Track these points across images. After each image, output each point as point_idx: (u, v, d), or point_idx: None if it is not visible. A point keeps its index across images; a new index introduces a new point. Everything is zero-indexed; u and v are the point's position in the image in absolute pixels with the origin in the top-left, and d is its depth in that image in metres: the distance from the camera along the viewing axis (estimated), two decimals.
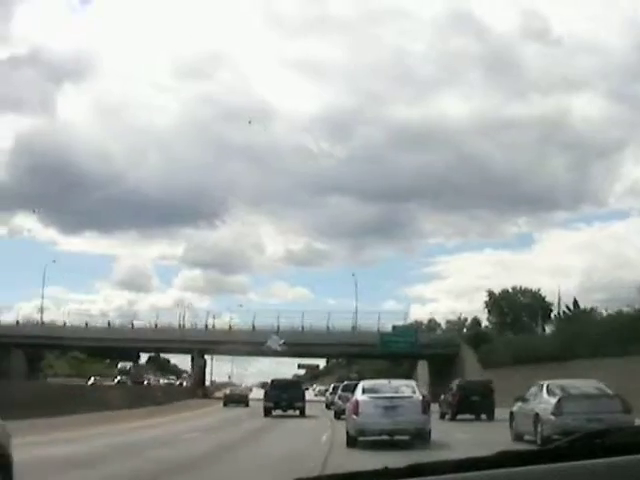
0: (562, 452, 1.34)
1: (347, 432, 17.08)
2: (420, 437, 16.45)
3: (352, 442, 16.56)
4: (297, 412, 33.55)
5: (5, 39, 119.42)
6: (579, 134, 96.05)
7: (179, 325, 61.58)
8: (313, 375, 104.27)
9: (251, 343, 57.60)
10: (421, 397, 17.33)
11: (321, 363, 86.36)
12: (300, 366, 18.56)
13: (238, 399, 46.05)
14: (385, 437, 16.85)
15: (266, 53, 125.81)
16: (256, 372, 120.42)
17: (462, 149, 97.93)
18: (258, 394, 44.59)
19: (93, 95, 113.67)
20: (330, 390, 44.91)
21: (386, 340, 57.08)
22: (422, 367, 63.57)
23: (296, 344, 57.65)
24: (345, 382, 39.95)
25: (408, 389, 17.84)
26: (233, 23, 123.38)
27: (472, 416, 30.32)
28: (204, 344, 59.94)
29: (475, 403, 30.83)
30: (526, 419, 17.07)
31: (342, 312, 70.55)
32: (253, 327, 59.27)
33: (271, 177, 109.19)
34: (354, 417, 16.63)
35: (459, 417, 30.22)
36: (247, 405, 44.30)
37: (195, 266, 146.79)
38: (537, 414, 16.35)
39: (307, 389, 50.48)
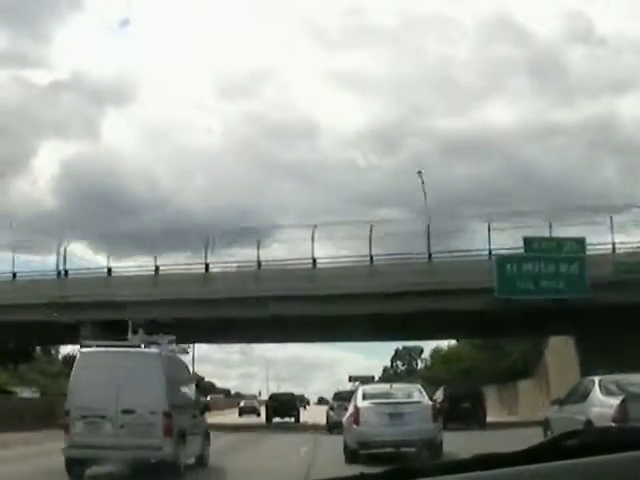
0: (543, 453, 1.33)
1: (345, 445, 14.79)
2: (430, 449, 13.65)
3: (352, 457, 14.18)
4: (292, 419, 41.48)
5: (46, 64, 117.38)
6: (629, 136, 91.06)
7: None
8: None
9: None
10: (430, 403, 15.41)
11: (376, 374, 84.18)
12: (351, 379, 17.09)
13: (250, 410, 53.27)
14: (390, 450, 14.53)
15: (309, 68, 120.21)
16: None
17: (509, 157, 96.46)
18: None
19: (137, 118, 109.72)
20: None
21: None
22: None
23: None
24: (338, 390, 41.27)
25: (415, 393, 15.60)
26: (275, 39, 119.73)
27: (461, 425, 27.70)
28: None
29: (465, 411, 28.83)
30: (571, 427, 13.11)
31: None
32: None
33: (320, 193, 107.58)
34: (354, 427, 14.45)
35: (448, 427, 27.56)
36: (258, 415, 49.74)
37: None
38: (589, 421, 12.17)
39: None
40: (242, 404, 57.52)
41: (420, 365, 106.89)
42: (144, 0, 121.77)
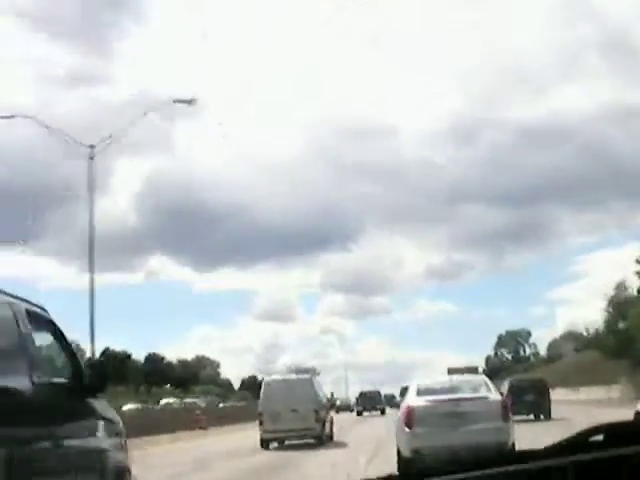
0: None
1: (398, 451, 12.48)
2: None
3: (406, 467, 11.63)
4: (379, 412, 50.75)
5: (115, 80, 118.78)
6: None
7: None
8: None
9: None
10: (500, 398, 13.00)
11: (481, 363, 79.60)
12: (450, 371, 16.54)
13: (345, 407, 61.48)
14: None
15: (377, 65, 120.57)
16: None
17: (590, 141, 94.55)
18: None
19: (212, 130, 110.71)
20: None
21: None
22: None
23: None
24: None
25: (481, 387, 13.07)
26: (337, 38, 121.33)
27: (528, 416, 27.92)
28: None
29: (530, 402, 28.49)
30: None
31: None
32: None
33: (399, 193, 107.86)
34: (407, 430, 12.10)
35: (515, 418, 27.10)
36: (351, 411, 57.47)
37: (336, 291, 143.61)
38: None
39: None
40: (338, 403, 63.06)
41: (529, 351, 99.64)
42: (213, 11, 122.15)
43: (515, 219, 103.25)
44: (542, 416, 28.89)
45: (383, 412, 50.41)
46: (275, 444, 22.06)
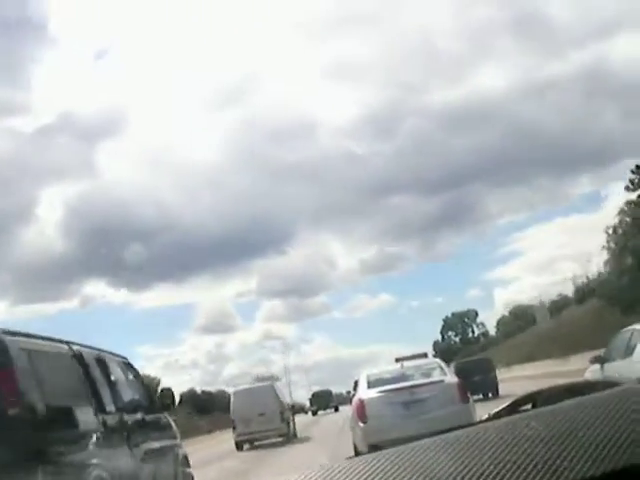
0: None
1: (355, 447, 11.78)
2: None
3: None
4: (333, 410, 53.38)
5: (30, 109, 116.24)
6: (624, 80, 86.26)
7: None
8: None
9: None
10: (456, 380, 12.06)
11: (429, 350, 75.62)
12: (398, 360, 15.98)
13: (299, 409, 61.18)
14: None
15: (295, 65, 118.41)
16: None
17: (509, 119, 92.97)
18: None
19: (131, 146, 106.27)
20: None
21: None
22: None
23: None
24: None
25: (435, 371, 12.44)
26: (255, 42, 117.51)
27: (478, 396, 28.67)
28: None
29: (477, 382, 29.29)
30: None
31: None
32: None
33: (328, 190, 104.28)
34: (361, 425, 11.39)
35: None
36: (306, 412, 58.71)
37: (273, 296, 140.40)
38: None
39: None
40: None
41: (477, 332, 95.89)
42: (116, 27, 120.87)
43: (443, 205, 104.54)
44: (490, 394, 29.76)
45: (337, 409, 52.21)
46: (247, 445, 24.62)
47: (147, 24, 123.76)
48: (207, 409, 66.72)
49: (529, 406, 1.39)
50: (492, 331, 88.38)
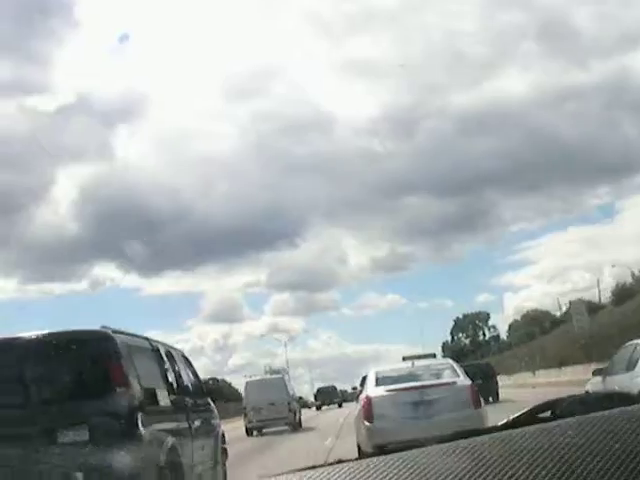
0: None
1: (359, 448, 11.50)
2: None
3: None
4: (337, 405, 55.67)
5: (51, 89, 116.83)
6: None
7: None
8: None
9: None
10: (469, 382, 11.38)
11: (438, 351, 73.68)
12: (405, 359, 15.84)
13: (303, 405, 69.10)
14: None
15: (316, 60, 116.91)
16: None
17: (528, 126, 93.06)
18: None
19: (149, 133, 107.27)
20: None
21: None
22: None
23: None
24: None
25: (446, 371, 11.87)
26: (277, 34, 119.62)
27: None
28: None
29: (480, 387, 30.34)
30: None
31: None
32: None
33: (343, 186, 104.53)
34: (367, 424, 10.90)
35: None
36: (309, 407, 59.86)
37: (283, 289, 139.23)
38: None
39: None
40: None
41: (488, 335, 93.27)
42: (140, 12, 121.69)
43: (458, 207, 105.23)
44: (491, 398, 30.99)
45: (340, 405, 54.30)
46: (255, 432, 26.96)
47: (170, 11, 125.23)
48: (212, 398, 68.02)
49: (549, 413, 1.37)
50: (503, 335, 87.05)
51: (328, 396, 58.15)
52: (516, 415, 1.38)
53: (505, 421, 1.36)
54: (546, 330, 60.36)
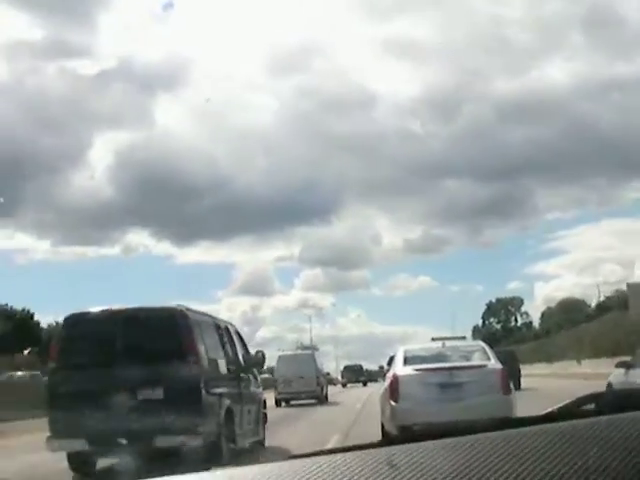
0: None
1: (382, 426, 11.32)
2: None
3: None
4: (361, 384, 56.00)
5: (93, 54, 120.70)
6: None
7: None
8: None
9: None
10: (499, 366, 10.84)
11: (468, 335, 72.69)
12: (435, 340, 16.07)
13: (329, 381, 71.66)
14: None
15: (360, 38, 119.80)
16: None
17: (571, 116, 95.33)
18: None
19: (189, 101, 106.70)
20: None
21: None
22: None
23: None
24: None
25: (477, 354, 11.43)
26: (322, 11, 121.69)
27: None
28: None
29: None
30: None
31: None
32: None
33: (380, 166, 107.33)
34: (393, 404, 10.48)
35: None
36: (335, 384, 60.37)
37: (314, 265, 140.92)
38: None
39: None
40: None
41: (520, 321, 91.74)
42: None
43: (494, 193, 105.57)
44: (512, 386, 31.48)
45: (365, 384, 55.39)
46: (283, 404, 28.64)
47: None
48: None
49: (593, 405, 1.31)
50: (535, 323, 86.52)
51: (354, 374, 59.29)
52: (560, 405, 1.33)
53: (548, 411, 1.29)
54: (589, 318, 58.57)
